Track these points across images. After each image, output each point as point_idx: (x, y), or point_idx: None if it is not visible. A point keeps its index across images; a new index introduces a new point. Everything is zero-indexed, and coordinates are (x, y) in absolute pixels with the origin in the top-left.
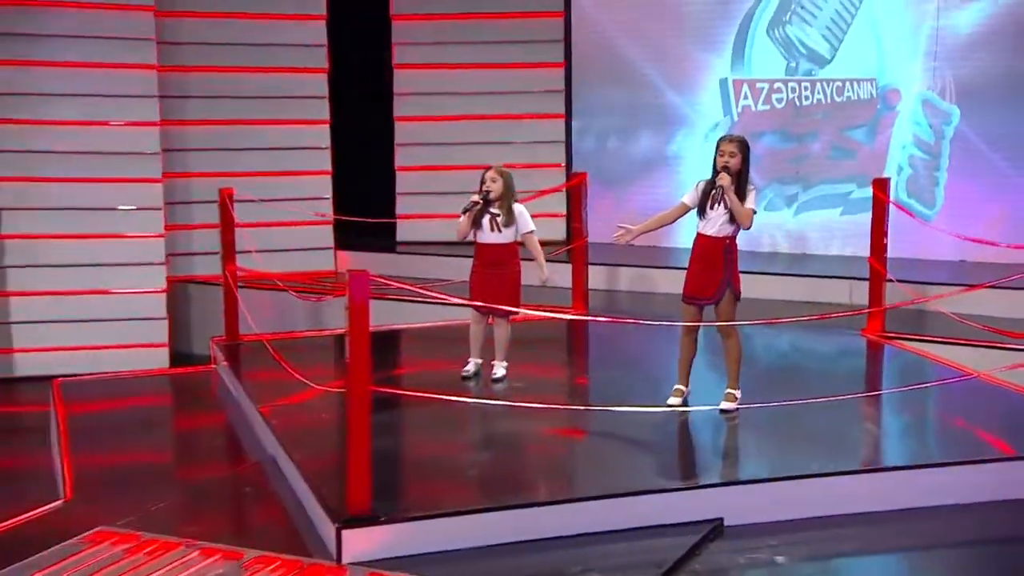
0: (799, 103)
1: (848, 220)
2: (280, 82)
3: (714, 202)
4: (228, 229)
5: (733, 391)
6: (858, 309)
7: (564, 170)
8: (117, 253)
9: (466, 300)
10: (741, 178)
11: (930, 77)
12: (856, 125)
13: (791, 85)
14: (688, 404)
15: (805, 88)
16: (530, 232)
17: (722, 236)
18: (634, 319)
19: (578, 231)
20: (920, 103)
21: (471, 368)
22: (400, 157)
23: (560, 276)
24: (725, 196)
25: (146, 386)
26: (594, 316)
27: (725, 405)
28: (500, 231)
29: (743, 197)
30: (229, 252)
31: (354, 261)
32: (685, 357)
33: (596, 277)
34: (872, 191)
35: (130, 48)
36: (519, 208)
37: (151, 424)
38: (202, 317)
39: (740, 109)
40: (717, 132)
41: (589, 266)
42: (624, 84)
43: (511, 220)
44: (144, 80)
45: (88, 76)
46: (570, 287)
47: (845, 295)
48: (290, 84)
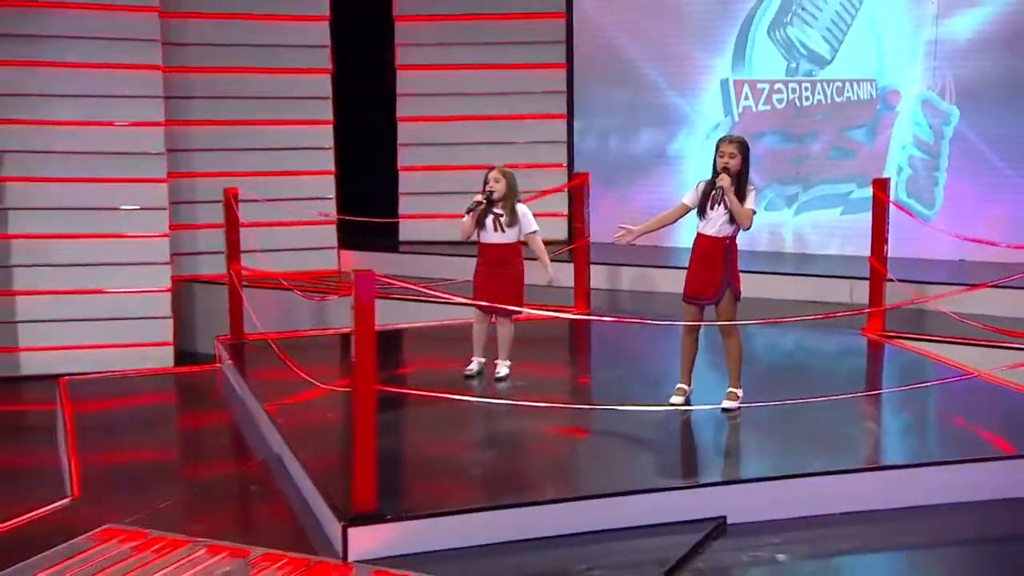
0: (799, 104)
1: (848, 220)
2: (284, 83)
3: (714, 202)
4: (233, 229)
5: (735, 390)
6: (858, 308)
7: (566, 170)
8: (122, 253)
9: (470, 300)
10: (741, 179)
11: (930, 78)
12: (856, 125)
13: (791, 86)
14: (690, 403)
15: (805, 89)
16: (533, 232)
17: (722, 236)
18: (636, 319)
19: (580, 231)
20: (920, 103)
21: (474, 367)
22: (403, 157)
23: (562, 276)
24: (725, 197)
25: (151, 385)
26: (596, 316)
27: (727, 404)
28: (503, 231)
29: (743, 198)
30: (234, 251)
31: (357, 261)
32: (687, 356)
33: (598, 276)
34: (872, 191)
35: (135, 49)
36: (522, 208)
37: (157, 422)
38: (206, 316)
39: (741, 109)
40: (718, 132)
41: (591, 265)
42: (625, 84)
43: (514, 220)
44: (149, 81)
45: (93, 77)
46: (572, 287)
47: (846, 294)
48: (294, 85)
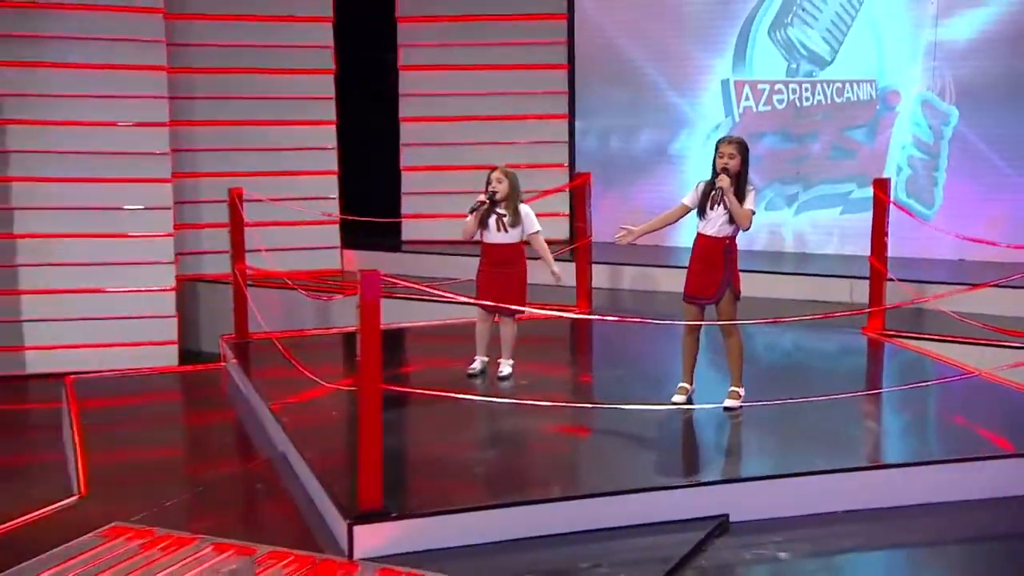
0: (800, 104)
1: (848, 220)
2: (287, 83)
3: (714, 203)
4: (237, 228)
5: (737, 389)
6: (858, 308)
7: (567, 170)
8: (127, 252)
9: (473, 299)
10: (740, 179)
11: (929, 78)
12: (856, 126)
13: (792, 86)
14: (692, 402)
15: (806, 89)
16: (536, 232)
17: (722, 236)
18: (637, 318)
19: (582, 230)
20: (919, 104)
21: (477, 366)
22: (405, 157)
23: (564, 275)
24: (724, 197)
25: (157, 383)
26: (599, 315)
27: (729, 403)
28: (506, 231)
29: (742, 198)
30: (238, 251)
31: (360, 260)
32: (688, 356)
33: (599, 276)
34: (872, 191)
35: (140, 50)
36: (525, 209)
37: (162, 421)
38: (210, 315)
39: (741, 110)
40: (719, 132)
41: (592, 265)
42: (626, 85)
43: (517, 220)
44: (154, 81)
45: (98, 77)
46: (574, 286)
47: (846, 294)
48: (297, 85)
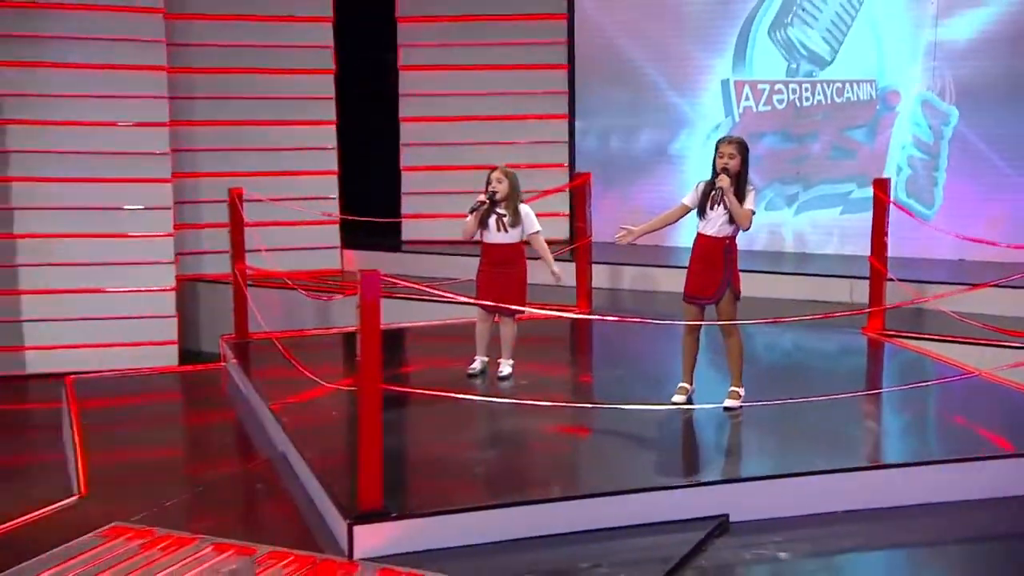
0: (799, 104)
1: (848, 219)
2: (287, 83)
3: (714, 203)
4: (238, 228)
5: (737, 389)
6: (858, 307)
7: (567, 170)
8: (127, 252)
9: (473, 299)
10: (740, 179)
11: (929, 78)
12: (856, 126)
13: (792, 86)
14: (692, 402)
15: (806, 89)
16: (536, 232)
17: (722, 236)
18: (637, 318)
19: (582, 230)
20: (919, 104)
21: (477, 366)
22: (405, 157)
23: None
24: (724, 197)
25: (157, 383)
26: (599, 315)
27: (729, 403)
28: (507, 231)
29: (742, 198)
30: (238, 251)
31: (360, 260)
32: (688, 356)
33: (599, 276)
34: (872, 191)
35: (140, 50)
36: (525, 209)
37: (162, 421)
38: (210, 315)
39: (741, 110)
40: (719, 132)
41: (592, 265)
42: (627, 85)
43: (517, 220)
44: (154, 81)
45: (99, 77)
46: (574, 286)
47: (846, 294)
48: (297, 85)
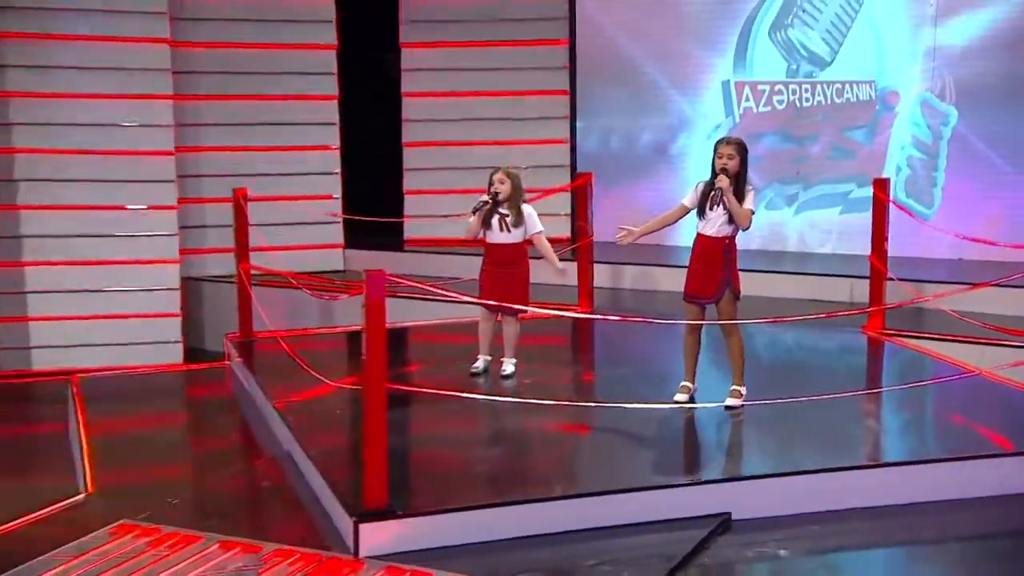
0: (799, 105)
1: (848, 219)
2: (292, 83)
3: (713, 203)
4: (242, 228)
5: (738, 388)
6: (858, 307)
7: (569, 170)
8: (132, 251)
9: (476, 298)
10: (739, 179)
11: (928, 79)
12: (855, 126)
13: (792, 87)
14: (694, 401)
15: (805, 90)
16: (539, 232)
17: (721, 236)
18: (639, 317)
19: (583, 230)
20: (918, 104)
21: (480, 365)
22: (408, 157)
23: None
24: (724, 197)
25: (162, 381)
26: (601, 314)
27: (731, 402)
28: (509, 231)
29: (741, 198)
30: (243, 251)
31: (362, 259)
32: (690, 355)
33: (600, 275)
34: (872, 191)
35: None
36: (528, 209)
37: (168, 419)
38: (213, 314)
39: (742, 110)
40: (719, 133)
41: (594, 264)
42: (628, 85)
43: (520, 220)
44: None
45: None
46: (576, 285)
47: (846, 293)
48: (301, 86)
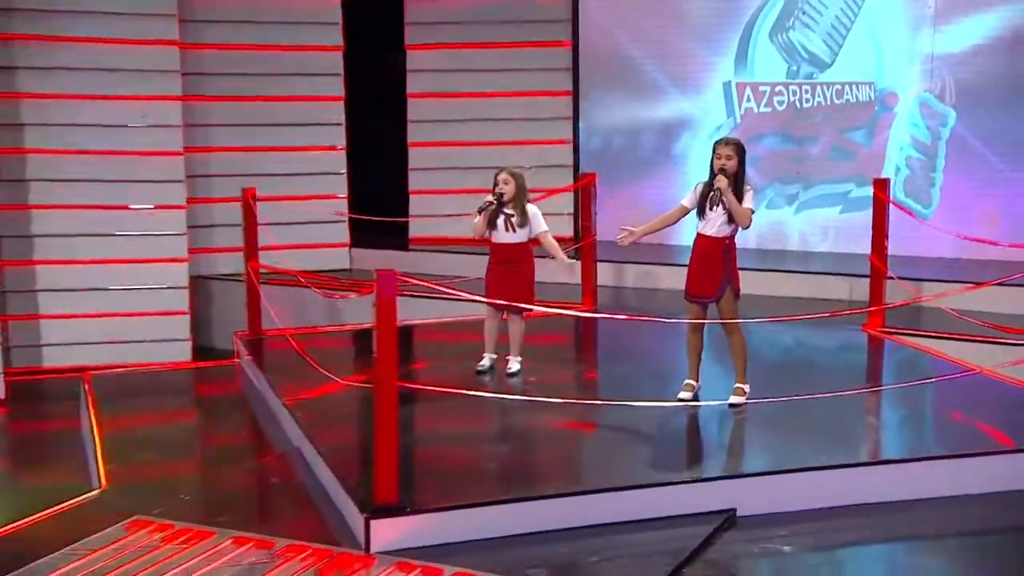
0: (800, 105)
1: (847, 219)
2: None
3: (712, 203)
4: (251, 227)
5: (741, 386)
6: (858, 305)
7: (572, 170)
8: (142, 250)
9: (482, 297)
10: (738, 179)
11: (927, 80)
12: (855, 127)
13: (792, 88)
14: (698, 398)
15: (806, 91)
16: (544, 232)
17: (721, 236)
18: (643, 316)
19: (587, 229)
20: (917, 105)
21: (486, 363)
22: (413, 157)
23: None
24: (723, 197)
25: (172, 379)
26: (606, 313)
27: (734, 399)
28: (515, 231)
29: (740, 197)
30: (252, 249)
31: (368, 258)
32: (693, 353)
33: (603, 274)
34: (872, 191)
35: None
36: (532, 209)
37: (179, 416)
38: (220, 312)
39: (743, 111)
40: (720, 133)
41: (597, 263)
42: (630, 87)
43: (525, 220)
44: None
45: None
46: (579, 284)
47: (845, 292)
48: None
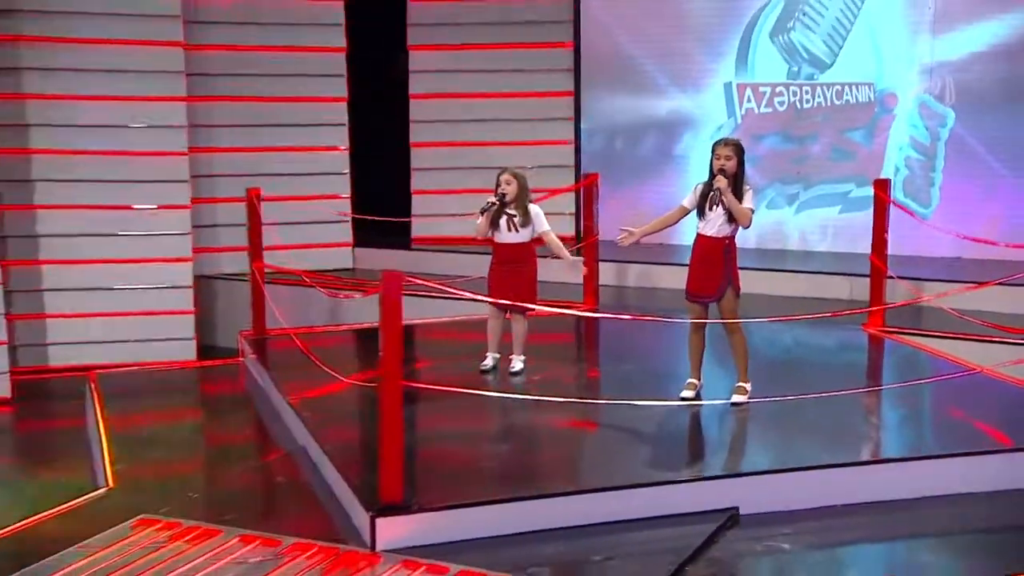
0: (800, 106)
1: (847, 218)
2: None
3: (712, 204)
4: (256, 227)
5: (743, 384)
6: (858, 305)
7: (573, 170)
8: (147, 250)
9: (485, 297)
10: (737, 179)
11: (926, 81)
12: (855, 127)
13: (792, 89)
14: (701, 397)
15: (806, 92)
16: (546, 231)
17: (721, 236)
18: (645, 315)
19: (589, 229)
20: (917, 106)
21: (489, 362)
22: (415, 157)
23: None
24: (723, 197)
25: (178, 378)
26: (609, 313)
27: (736, 398)
28: (517, 231)
29: (740, 197)
30: (256, 249)
31: (371, 258)
32: (695, 352)
33: (605, 273)
34: (873, 191)
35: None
36: (535, 209)
37: (184, 414)
38: (224, 312)
39: (744, 112)
40: (721, 134)
41: (599, 263)
42: (632, 87)
43: (527, 220)
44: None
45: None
46: (581, 283)
47: (845, 291)
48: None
